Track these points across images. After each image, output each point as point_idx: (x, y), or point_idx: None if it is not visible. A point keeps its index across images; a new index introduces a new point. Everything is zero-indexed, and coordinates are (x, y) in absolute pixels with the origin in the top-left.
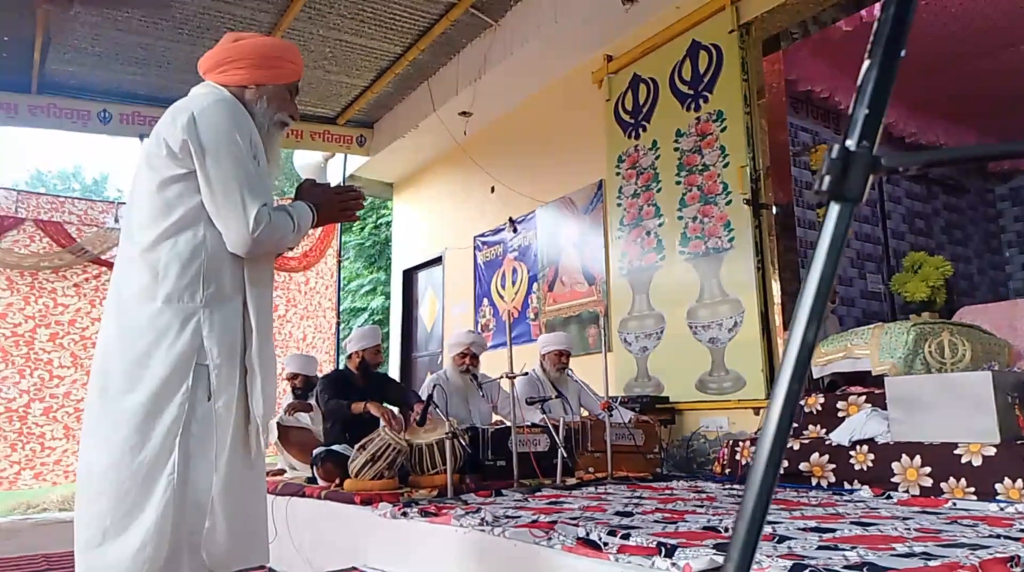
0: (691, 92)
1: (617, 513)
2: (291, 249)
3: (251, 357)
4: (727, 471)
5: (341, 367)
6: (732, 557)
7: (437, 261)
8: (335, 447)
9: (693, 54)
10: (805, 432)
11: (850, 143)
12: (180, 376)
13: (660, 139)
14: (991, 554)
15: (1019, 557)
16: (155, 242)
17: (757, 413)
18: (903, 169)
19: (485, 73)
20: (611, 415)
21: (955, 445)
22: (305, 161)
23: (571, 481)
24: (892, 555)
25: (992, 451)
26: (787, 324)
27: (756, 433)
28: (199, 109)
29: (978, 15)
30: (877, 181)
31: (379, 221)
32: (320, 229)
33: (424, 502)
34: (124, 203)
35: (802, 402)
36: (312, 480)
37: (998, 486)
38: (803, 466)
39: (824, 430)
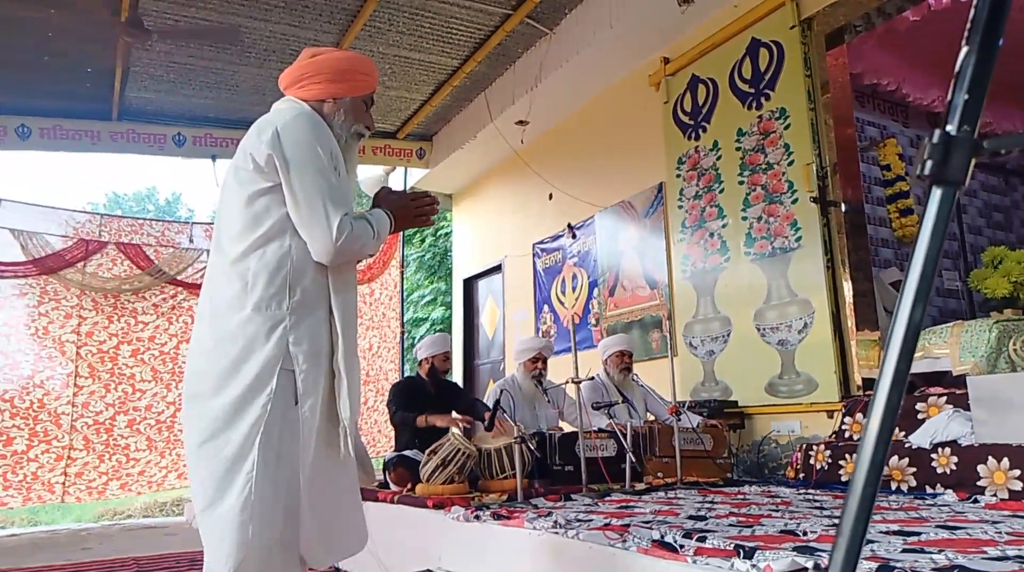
0: (752, 90)
1: (690, 517)
2: (371, 255)
3: (338, 362)
4: (801, 475)
5: (409, 375)
6: (836, 561)
7: (497, 269)
8: (406, 452)
9: (753, 52)
10: None
11: (951, 128)
12: (264, 381)
13: (721, 139)
14: None
15: None
16: (244, 253)
17: (830, 416)
18: (1007, 151)
19: (541, 82)
20: (679, 419)
21: None
22: (367, 175)
23: (640, 486)
24: (984, 558)
25: None
26: (860, 324)
27: (830, 437)
28: (282, 124)
29: None
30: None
31: (439, 232)
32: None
33: (495, 506)
34: (198, 223)
35: None
36: (384, 485)
37: None
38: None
39: (903, 433)
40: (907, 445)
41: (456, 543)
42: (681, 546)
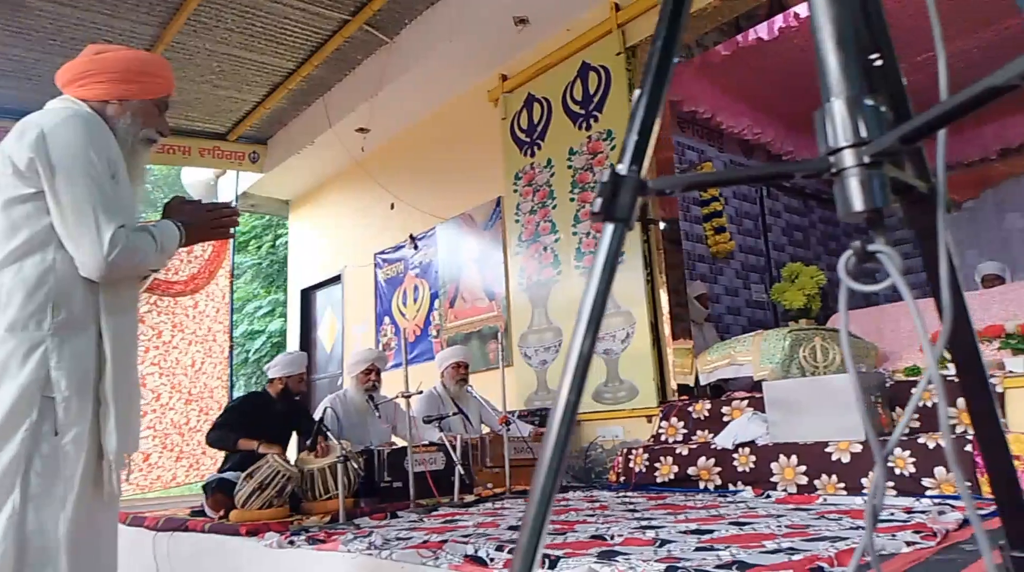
0: (582, 112)
1: (510, 528)
2: (156, 271)
3: (104, 389)
4: (622, 479)
5: (254, 390)
6: (515, 565)
7: (336, 280)
8: (227, 475)
9: (584, 75)
10: (693, 437)
11: (621, 167)
12: (24, 410)
13: (554, 157)
14: (848, 545)
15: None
16: None
17: (649, 421)
18: (669, 191)
19: (382, 90)
20: (509, 429)
21: (826, 444)
22: (194, 178)
23: (469, 498)
24: (761, 552)
25: (859, 448)
26: (675, 334)
27: (648, 440)
28: (50, 125)
29: None
30: (758, 196)
31: (276, 240)
32: (209, 250)
33: (315, 529)
34: None
35: (690, 408)
36: (200, 512)
37: (864, 480)
38: (691, 470)
39: (711, 435)
40: (713, 446)
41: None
42: (491, 559)
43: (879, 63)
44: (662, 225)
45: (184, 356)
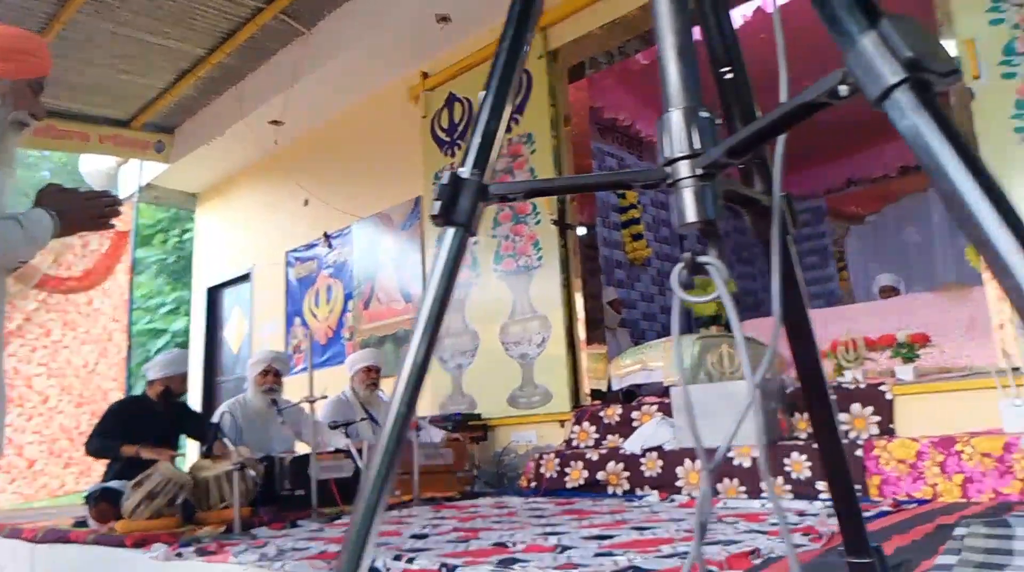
0: None
1: (413, 536)
2: (24, 262)
3: None
4: (533, 484)
5: (134, 394)
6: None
7: (245, 278)
8: (112, 484)
9: None
10: (604, 442)
11: (462, 171)
12: None
13: None
14: (739, 548)
15: (759, 549)
16: None
17: (563, 425)
18: (512, 197)
19: (297, 82)
20: (419, 435)
21: (729, 449)
22: (94, 167)
23: None
24: (657, 556)
25: (758, 452)
26: (590, 339)
27: (561, 445)
28: None
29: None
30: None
31: (183, 235)
32: (107, 244)
33: (207, 540)
34: None
35: (602, 413)
36: (83, 523)
37: (763, 484)
38: (600, 475)
39: (621, 439)
40: (622, 451)
41: None
42: (388, 569)
43: (729, 76)
44: (580, 230)
45: (76, 356)
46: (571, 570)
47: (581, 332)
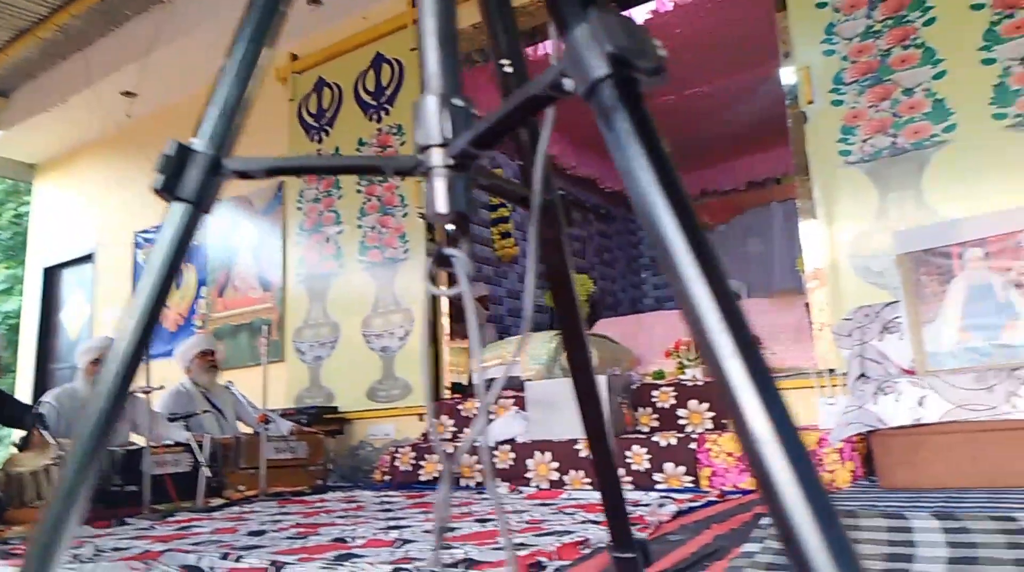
0: (375, 103)
1: (250, 533)
2: None
3: None
4: (387, 477)
5: None
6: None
7: (87, 258)
8: None
9: (377, 66)
10: (460, 435)
11: (196, 142)
12: None
13: (343, 146)
14: (572, 539)
15: (589, 539)
16: None
17: (421, 419)
18: (252, 174)
19: (153, 52)
20: (268, 428)
21: (576, 441)
22: None
23: (217, 502)
24: (493, 548)
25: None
26: (453, 334)
27: (419, 438)
28: None
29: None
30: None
31: (20, 209)
32: None
33: (16, 541)
34: None
35: (460, 407)
36: None
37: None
38: (454, 468)
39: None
40: (476, 444)
41: None
42: (212, 569)
43: (509, 70)
44: (448, 226)
45: None
46: (406, 565)
47: (445, 326)
